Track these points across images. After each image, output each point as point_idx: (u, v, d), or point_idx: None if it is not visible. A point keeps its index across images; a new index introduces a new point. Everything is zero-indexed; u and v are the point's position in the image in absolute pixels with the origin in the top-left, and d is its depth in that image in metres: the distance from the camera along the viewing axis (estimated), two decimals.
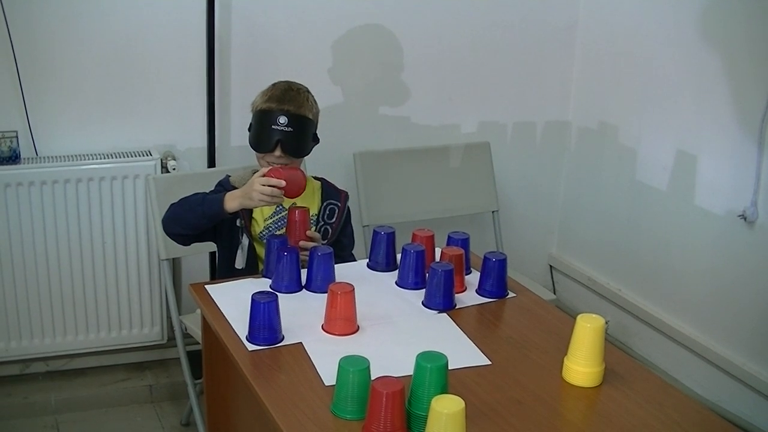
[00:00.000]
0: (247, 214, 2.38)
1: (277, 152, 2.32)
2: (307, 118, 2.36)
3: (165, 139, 2.96)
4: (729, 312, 2.85)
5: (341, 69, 3.11)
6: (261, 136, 2.34)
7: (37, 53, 2.76)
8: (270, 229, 2.39)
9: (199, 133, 2.97)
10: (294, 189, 2.21)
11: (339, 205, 2.48)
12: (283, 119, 2.30)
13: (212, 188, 2.44)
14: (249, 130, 2.40)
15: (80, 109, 2.85)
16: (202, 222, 2.30)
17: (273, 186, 2.17)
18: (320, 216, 2.45)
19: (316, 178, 2.51)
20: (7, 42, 2.69)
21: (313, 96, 2.42)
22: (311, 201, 2.45)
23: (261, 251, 2.36)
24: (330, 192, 2.50)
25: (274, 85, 2.41)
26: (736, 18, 2.76)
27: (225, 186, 2.41)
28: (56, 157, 2.82)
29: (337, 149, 2.95)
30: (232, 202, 2.24)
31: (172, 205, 2.36)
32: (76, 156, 2.84)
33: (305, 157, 2.45)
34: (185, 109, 2.96)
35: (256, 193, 2.17)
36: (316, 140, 2.42)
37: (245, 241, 2.38)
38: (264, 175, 2.20)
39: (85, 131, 2.87)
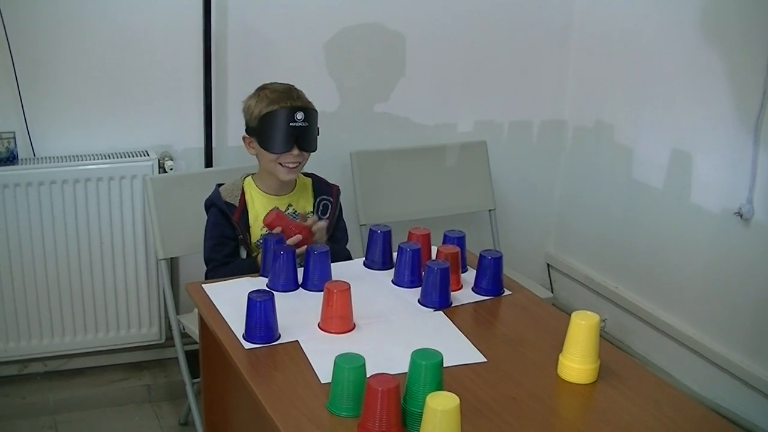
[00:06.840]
0: (244, 227, 2.40)
1: (295, 151, 2.35)
2: (315, 110, 2.40)
3: (162, 139, 2.96)
4: (726, 309, 2.86)
5: (337, 69, 3.12)
6: (278, 137, 2.34)
7: (34, 54, 2.76)
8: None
9: (196, 133, 2.97)
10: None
11: (332, 200, 2.50)
12: (300, 115, 2.33)
13: (208, 198, 2.45)
14: (251, 134, 2.38)
15: (78, 109, 2.86)
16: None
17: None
18: (315, 212, 2.47)
19: (306, 174, 2.52)
20: (5, 43, 2.70)
21: None
22: (304, 198, 2.47)
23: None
24: (322, 188, 2.52)
25: (265, 87, 2.39)
26: (731, 16, 2.76)
27: (215, 202, 2.42)
28: (54, 157, 2.83)
29: (333, 148, 2.95)
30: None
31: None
32: (73, 156, 2.84)
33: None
34: (182, 110, 2.96)
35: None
36: (318, 132, 2.44)
37: (243, 253, 2.43)
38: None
39: (82, 132, 2.88)
